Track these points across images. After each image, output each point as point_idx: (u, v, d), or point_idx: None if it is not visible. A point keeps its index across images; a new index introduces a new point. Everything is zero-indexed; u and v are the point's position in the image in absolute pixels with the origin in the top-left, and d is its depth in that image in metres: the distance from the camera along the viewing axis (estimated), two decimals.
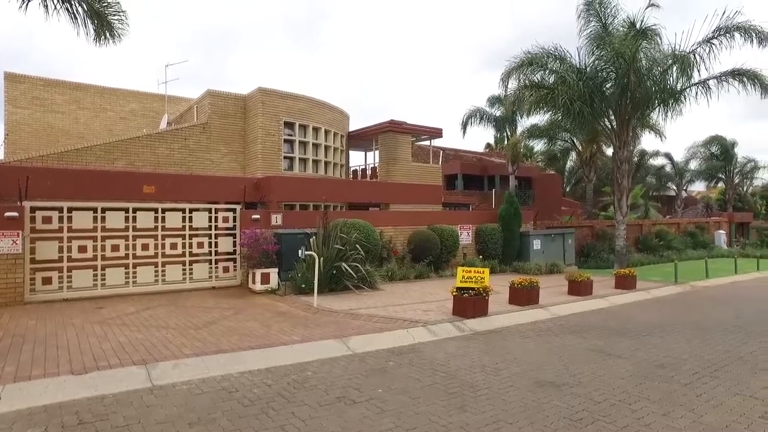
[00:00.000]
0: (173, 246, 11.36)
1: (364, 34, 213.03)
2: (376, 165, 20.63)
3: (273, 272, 11.11)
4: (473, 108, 25.28)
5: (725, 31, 14.08)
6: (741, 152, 34.33)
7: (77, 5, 10.55)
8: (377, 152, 20.49)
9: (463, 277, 8.76)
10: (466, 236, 16.07)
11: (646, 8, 14.62)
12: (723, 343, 7.18)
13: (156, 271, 11.10)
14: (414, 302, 9.77)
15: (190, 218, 11.59)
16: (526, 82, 16.03)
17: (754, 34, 13.97)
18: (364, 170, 23.31)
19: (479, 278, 8.64)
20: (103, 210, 10.59)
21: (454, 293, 8.64)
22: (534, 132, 24.51)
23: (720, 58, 14.14)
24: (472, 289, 8.52)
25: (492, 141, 40.47)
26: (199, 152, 16.08)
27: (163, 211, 11.28)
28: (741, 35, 14.05)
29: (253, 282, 11.11)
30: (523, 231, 16.82)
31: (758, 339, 7.47)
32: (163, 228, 11.25)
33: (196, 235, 11.69)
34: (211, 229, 11.85)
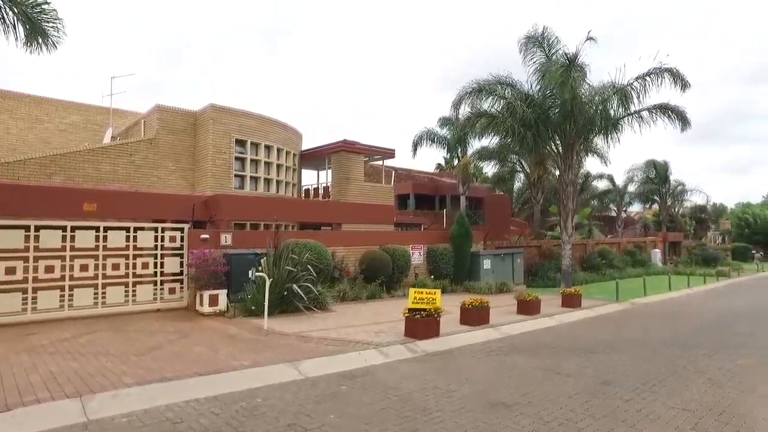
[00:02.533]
0: (115, 266, 10.79)
1: (324, 52, 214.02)
2: (329, 184, 20.57)
3: (222, 294, 10.77)
4: (424, 129, 25.67)
5: (657, 71, 15.82)
6: (672, 176, 36.91)
7: (6, 9, 10.03)
8: (330, 171, 20.45)
9: (415, 298, 8.80)
10: (417, 256, 16.22)
11: (585, 41, 15.57)
12: (661, 358, 7.57)
13: (96, 293, 10.48)
14: (366, 323, 9.71)
15: (135, 237, 11.08)
16: (475, 109, 16.75)
17: (678, 79, 15.90)
18: (316, 189, 23.16)
19: (431, 299, 8.71)
20: (37, 228, 9.92)
21: (406, 314, 8.65)
22: (484, 154, 25.28)
23: (651, 94, 16.21)
24: (424, 310, 8.57)
25: (443, 162, 41.42)
26: (145, 168, 15.48)
27: (105, 229, 10.73)
28: (669, 77, 15.92)
29: (201, 304, 10.72)
30: (473, 251, 17.18)
31: (691, 352, 7.94)
32: (105, 248, 10.68)
33: (141, 255, 11.17)
34: (156, 249, 11.36)
